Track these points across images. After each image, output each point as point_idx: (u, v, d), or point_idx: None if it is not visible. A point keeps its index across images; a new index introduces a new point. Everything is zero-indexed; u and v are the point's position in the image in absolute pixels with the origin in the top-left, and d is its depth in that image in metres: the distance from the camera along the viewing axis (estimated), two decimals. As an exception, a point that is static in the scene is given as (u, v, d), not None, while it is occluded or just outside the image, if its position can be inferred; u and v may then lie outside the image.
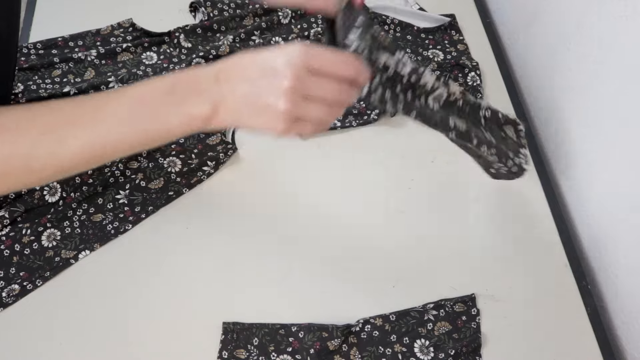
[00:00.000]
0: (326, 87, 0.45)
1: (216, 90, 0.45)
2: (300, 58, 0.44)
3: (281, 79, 0.43)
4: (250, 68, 0.45)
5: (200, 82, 0.46)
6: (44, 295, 0.65)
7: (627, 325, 0.71)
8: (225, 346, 0.63)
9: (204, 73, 0.46)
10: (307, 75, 0.44)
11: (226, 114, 0.46)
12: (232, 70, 0.46)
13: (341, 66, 0.45)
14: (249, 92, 0.45)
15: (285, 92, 0.43)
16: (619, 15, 0.68)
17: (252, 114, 0.45)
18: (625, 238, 0.71)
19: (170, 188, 0.74)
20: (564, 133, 0.83)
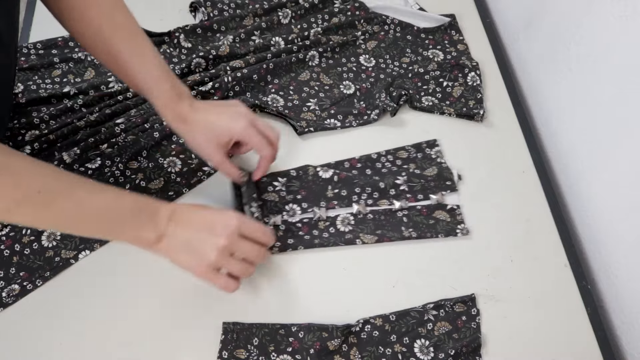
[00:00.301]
0: (248, 249, 0.60)
1: (165, 226, 0.57)
2: (235, 225, 0.58)
3: (218, 237, 0.57)
4: (197, 221, 0.58)
5: (157, 215, 0.57)
6: (44, 295, 0.65)
7: (627, 325, 0.71)
8: (225, 346, 0.63)
9: (163, 210, 0.58)
10: (236, 238, 0.58)
11: (165, 248, 0.58)
12: (183, 217, 0.58)
13: (262, 235, 0.61)
14: (190, 239, 0.57)
15: (219, 248, 0.57)
16: (619, 15, 0.68)
17: (185, 255, 0.58)
18: (625, 238, 0.71)
19: (170, 188, 0.74)
20: (564, 133, 0.83)
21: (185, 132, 0.66)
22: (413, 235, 0.72)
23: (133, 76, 0.64)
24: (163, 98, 0.64)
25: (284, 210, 0.73)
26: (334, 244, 0.71)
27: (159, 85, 0.64)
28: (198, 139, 0.66)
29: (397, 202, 0.74)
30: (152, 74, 0.64)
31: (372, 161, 0.78)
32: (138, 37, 0.64)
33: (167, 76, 0.65)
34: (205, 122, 0.65)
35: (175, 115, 0.65)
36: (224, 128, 0.65)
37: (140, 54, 0.63)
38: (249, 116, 0.66)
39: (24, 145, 0.72)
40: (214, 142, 0.65)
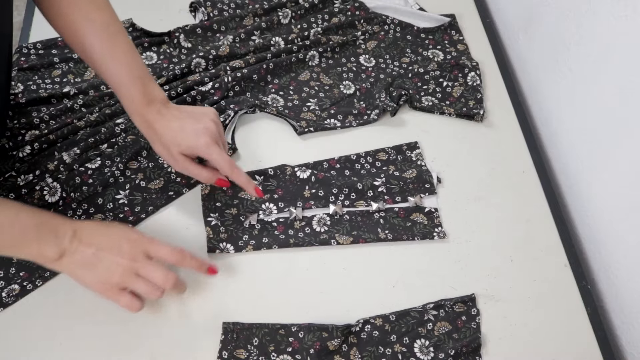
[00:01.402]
0: (153, 272, 0.58)
1: (68, 243, 0.56)
2: (141, 245, 0.58)
3: (122, 256, 0.57)
4: (101, 239, 0.58)
5: (59, 231, 0.56)
6: (44, 295, 0.65)
7: (627, 325, 0.71)
8: (225, 346, 0.63)
9: (66, 226, 0.57)
10: (141, 259, 0.58)
11: (67, 264, 0.57)
12: (87, 234, 0.58)
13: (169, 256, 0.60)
14: (93, 258, 0.57)
15: (123, 267, 0.57)
16: (619, 15, 0.68)
17: (87, 274, 0.57)
18: (625, 238, 0.71)
19: (170, 188, 0.74)
20: (564, 133, 0.83)
21: (150, 139, 0.66)
22: (389, 237, 0.72)
23: (106, 78, 0.65)
24: (132, 103, 0.64)
25: (260, 209, 0.73)
26: (309, 244, 0.71)
27: (129, 89, 0.63)
28: (158, 147, 0.66)
29: (374, 204, 0.74)
30: (123, 78, 0.63)
31: (351, 162, 0.78)
32: (113, 37, 0.63)
33: (138, 80, 0.64)
34: (167, 133, 0.64)
35: (143, 121, 0.65)
36: (185, 145, 0.64)
37: (112, 55, 0.63)
38: (213, 133, 0.65)
39: (24, 146, 0.72)
40: (174, 152, 0.64)
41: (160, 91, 0.66)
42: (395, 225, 0.73)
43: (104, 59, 0.63)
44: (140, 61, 0.65)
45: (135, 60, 0.65)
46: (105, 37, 0.63)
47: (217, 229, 0.71)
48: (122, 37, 0.64)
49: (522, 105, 0.90)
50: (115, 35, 0.64)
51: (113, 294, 0.58)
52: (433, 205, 0.75)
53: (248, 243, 0.70)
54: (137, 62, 0.65)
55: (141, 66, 0.65)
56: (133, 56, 0.65)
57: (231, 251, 0.70)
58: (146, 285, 0.59)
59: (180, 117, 0.66)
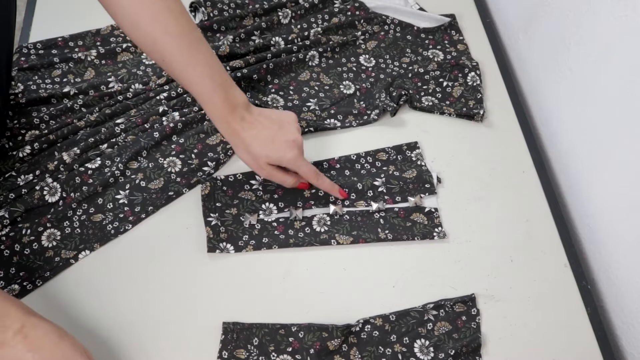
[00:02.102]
0: None
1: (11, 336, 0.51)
2: None
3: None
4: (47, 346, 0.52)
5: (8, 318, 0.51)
6: (44, 295, 0.65)
7: (627, 325, 0.71)
8: (225, 346, 0.63)
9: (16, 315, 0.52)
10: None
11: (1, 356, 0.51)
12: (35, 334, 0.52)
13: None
14: None
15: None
16: (619, 15, 0.68)
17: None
18: (625, 238, 0.71)
19: (170, 188, 0.74)
20: (564, 133, 0.83)
21: (235, 145, 0.67)
22: (389, 237, 0.72)
23: (187, 87, 0.65)
24: (215, 110, 0.65)
25: (260, 209, 0.73)
26: (309, 244, 0.71)
27: (211, 97, 0.64)
28: (244, 155, 0.67)
29: (374, 204, 0.74)
30: (205, 87, 0.64)
31: (351, 162, 0.78)
32: (192, 47, 0.63)
33: (220, 88, 0.65)
34: (256, 143, 0.66)
35: (227, 127, 0.66)
36: (275, 157, 0.66)
37: (193, 65, 0.63)
38: (300, 145, 0.68)
39: (24, 146, 0.72)
40: (262, 162, 0.67)
41: (242, 95, 0.67)
42: (395, 225, 0.73)
43: (185, 68, 0.63)
44: (220, 67, 0.66)
45: (216, 67, 0.65)
46: (185, 47, 0.63)
47: (217, 229, 0.71)
48: (201, 45, 0.64)
49: (522, 105, 0.90)
50: (194, 45, 0.63)
51: None
52: (433, 205, 0.76)
53: (248, 243, 0.70)
54: (217, 69, 0.65)
55: (222, 72, 0.65)
56: (213, 63, 0.65)
57: (231, 251, 0.70)
58: None
59: (268, 127, 0.67)
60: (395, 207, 0.75)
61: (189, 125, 0.78)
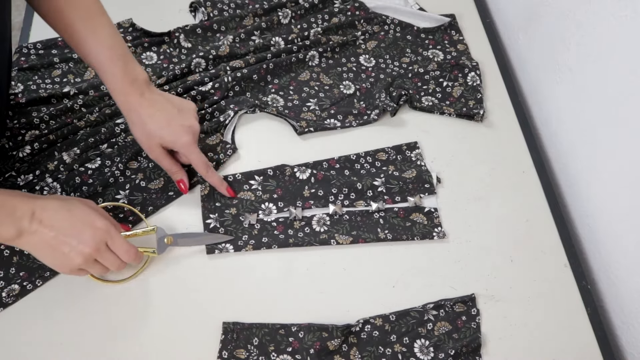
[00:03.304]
0: (111, 260, 0.61)
1: (27, 223, 0.55)
2: (102, 236, 0.59)
3: (85, 246, 0.58)
4: (64, 224, 0.57)
5: (16, 210, 0.55)
6: (44, 295, 0.65)
7: (627, 325, 0.71)
8: (225, 346, 0.63)
9: (23, 204, 0.56)
10: (103, 249, 0.59)
11: (27, 244, 0.57)
12: (47, 215, 0.56)
13: (124, 254, 0.61)
14: (54, 241, 0.57)
15: (84, 256, 0.58)
16: (619, 15, 0.68)
17: (48, 254, 0.58)
18: (625, 238, 0.71)
19: (170, 188, 0.74)
20: (564, 133, 0.83)
21: (130, 121, 0.67)
22: (389, 237, 0.72)
23: (87, 55, 0.65)
24: (114, 82, 0.65)
25: (259, 209, 0.73)
26: (309, 244, 0.71)
27: (110, 67, 0.64)
28: (138, 133, 0.67)
29: (374, 204, 0.74)
30: (105, 57, 0.64)
31: (350, 162, 0.78)
32: (95, 16, 0.64)
33: (120, 58, 0.64)
34: (152, 123, 0.65)
35: (125, 101, 0.65)
36: (169, 139, 0.66)
37: (94, 35, 0.63)
38: (196, 132, 0.68)
39: (24, 146, 0.72)
40: (154, 143, 0.67)
41: (142, 71, 0.67)
42: (394, 225, 0.73)
43: (87, 39, 0.63)
44: (121, 41, 0.66)
45: (117, 40, 0.65)
46: (87, 18, 0.63)
47: (216, 231, 0.71)
48: (104, 18, 0.65)
49: (522, 105, 0.90)
50: (95, 17, 0.64)
51: (72, 273, 0.60)
52: (433, 205, 0.75)
53: (248, 243, 0.70)
54: (118, 41, 0.65)
55: (123, 46, 0.66)
56: (114, 36, 0.65)
57: (231, 251, 0.70)
58: (100, 269, 0.61)
59: (168, 109, 0.67)
60: (394, 207, 0.75)
61: (189, 125, 0.78)
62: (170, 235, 0.67)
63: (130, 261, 0.62)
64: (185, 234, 0.69)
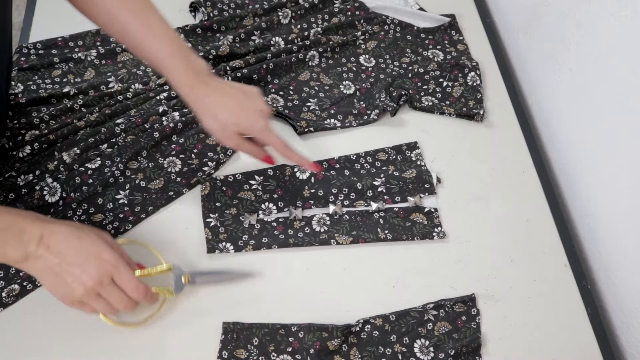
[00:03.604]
0: (116, 297, 0.57)
1: (34, 248, 0.54)
2: (108, 269, 0.56)
3: (88, 277, 0.55)
4: (71, 252, 0.55)
5: (25, 234, 0.54)
6: (44, 295, 0.65)
7: (627, 325, 0.71)
8: (225, 346, 0.63)
9: (33, 227, 0.54)
10: (107, 283, 0.56)
11: (32, 268, 0.55)
12: (55, 241, 0.55)
13: (132, 291, 0.57)
14: (58, 268, 0.54)
15: (86, 288, 0.55)
16: (619, 15, 0.68)
17: (51, 281, 0.55)
18: (625, 238, 0.71)
19: (170, 188, 0.74)
20: (564, 133, 0.83)
21: (199, 112, 0.64)
22: (389, 237, 0.72)
23: (146, 53, 0.63)
24: (177, 75, 0.63)
25: (259, 209, 0.73)
26: (309, 244, 0.71)
27: (172, 62, 0.62)
28: (210, 123, 0.64)
29: (374, 204, 0.74)
30: (165, 52, 0.62)
31: (350, 162, 0.78)
32: (148, 13, 0.63)
33: (180, 51, 0.63)
34: (224, 111, 0.63)
35: (190, 92, 0.63)
36: (245, 125, 0.64)
37: (151, 31, 0.62)
38: (268, 115, 0.66)
39: (24, 145, 0.72)
40: (230, 131, 0.64)
41: (202, 61, 0.65)
42: (394, 225, 0.73)
43: (144, 38, 0.62)
44: (176, 34, 0.65)
45: (173, 34, 0.64)
46: (140, 16, 0.62)
47: (216, 230, 0.71)
48: (156, 14, 0.63)
49: (522, 105, 0.90)
50: (149, 13, 0.63)
51: (74, 305, 0.57)
52: (433, 205, 0.75)
53: (248, 243, 0.70)
54: (174, 35, 0.64)
55: (179, 38, 0.64)
56: (169, 30, 0.64)
57: (231, 251, 0.70)
58: (105, 306, 0.58)
59: (234, 95, 0.64)
60: (394, 207, 0.75)
61: (189, 125, 0.78)
62: (188, 274, 0.64)
63: (140, 299, 0.58)
64: (203, 272, 0.65)
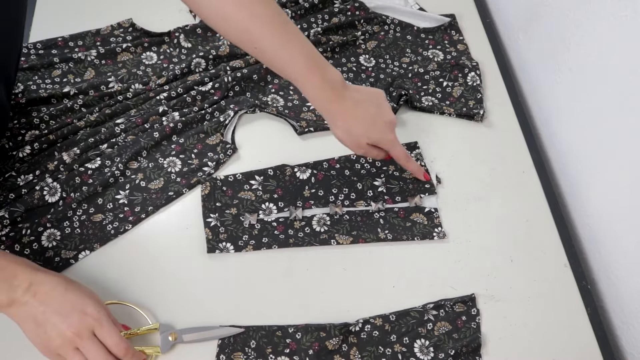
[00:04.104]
0: (94, 352, 0.56)
1: (21, 293, 0.55)
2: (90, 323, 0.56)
3: (67, 327, 0.55)
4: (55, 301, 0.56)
5: (15, 279, 0.55)
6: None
7: (627, 325, 0.71)
8: (222, 350, 0.63)
9: (24, 275, 0.55)
10: (87, 337, 0.55)
11: (15, 314, 0.56)
12: (43, 290, 0.56)
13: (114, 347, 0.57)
14: (41, 317, 0.55)
15: (64, 338, 0.55)
16: (619, 15, 0.68)
17: (31, 329, 0.55)
18: (625, 238, 0.71)
19: (170, 188, 0.74)
20: (564, 133, 0.83)
21: (333, 124, 0.67)
22: (389, 237, 0.72)
23: (282, 70, 0.64)
24: (314, 91, 0.64)
25: (260, 209, 0.73)
26: (309, 244, 0.71)
27: (309, 77, 0.63)
28: (341, 134, 0.67)
29: (374, 204, 0.74)
30: (301, 67, 0.62)
31: (351, 162, 0.78)
32: (283, 28, 0.62)
33: (316, 67, 0.63)
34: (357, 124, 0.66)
35: (326, 107, 0.65)
36: (375, 138, 0.67)
37: (286, 46, 0.62)
38: (395, 125, 0.69)
39: (24, 146, 0.72)
40: (362, 142, 0.67)
41: (336, 72, 0.65)
42: (395, 226, 0.73)
43: (279, 51, 0.62)
44: (311, 46, 0.64)
45: (309, 47, 0.63)
46: (276, 30, 0.61)
47: (217, 230, 0.71)
48: (291, 26, 0.63)
49: (522, 105, 0.90)
50: (284, 26, 0.62)
51: (50, 356, 0.57)
52: (433, 205, 0.75)
53: (248, 243, 0.70)
54: (310, 48, 0.63)
55: (315, 51, 0.64)
56: (305, 43, 0.63)
57: (231, 251, 0.70)
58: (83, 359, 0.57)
59: (367, 108, 0.67)
60: (395, 207, 0.75)
61: (189, 125, 0.78)
62: (174, 332, 0.63)
63: (121, 356, 0.57)
64: (191, 329, 0.63)
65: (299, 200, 0.74)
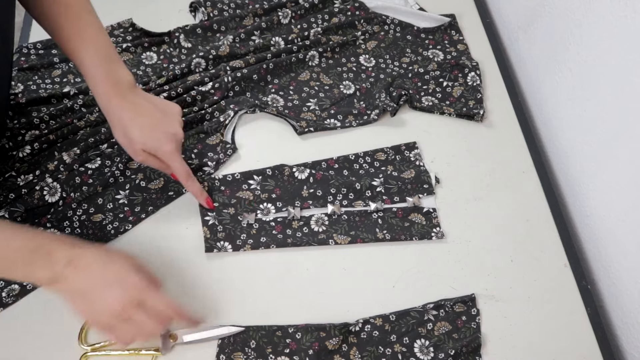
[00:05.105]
0: (143, 323, 0.56)
1: (61, 269, 0.53)
2: (135, 293, 0.55)
3: (114, 300, 0.54)
4: (99, 275, 0.55)
5: (53, 256, 0.54)
6: (43, 296, 0.65)
7: (627, 325, 0.71)
8: (222, 350, 0.63)
9: (61, 251, 0.54)
10: (135, 307, 0.55)
11: (59, 290, 0.55)
12: (83, 264, 0.54)
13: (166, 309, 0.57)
14: (84, 290, 0.54)
15: (112, 311, 0.54)
16: (619, 15, 0.68)
17: (79, 302, 0.55)
18: (625, 238, 0.71)
19: (170, 188, 0.74)
20: (564, 133, 0.83)
21: (113, 125, 0.65)
22: (387, 237, 0.72)
23: (73, 58, 0.63)
24: (96, 84, 0.63)
25: (258, 208, 0.73)
26: (307, 244, 0.71)
27: (92, 69, 0.62)
28: (120, 137, 0.64)
29: (372, 204, 0.74)
30: (88, 57, 0.62)
31: (349, 162, 0.78)
32: (82, 17, 0.62)
33: (103, 60, 0.63)
34: (136, 128, 0.63)
35: (108, 104, 0.63)
36: (152, 146, 0.64)
37: (78, 34, 0.62)
38: (179, 140, 0.66)
39: (24, 145, 0.72)
40: (137, 148, 0.64)
41: (127, 73, 0.64)
42: (393, 226, 0.73)
43: (71, 38, 0.62)
44: (107, 42, 0.64)
45: (102, 40, 0.63)
46: (73, 16, 0.62)
47: (215, 229, 0.71)
48: (90, 16, 0.63)
49: (522, 105, 0.90)
50: (81, 15, 0.63)
51: (103, 329, 0.57)
52: (431, 205, 0.75)
53: (246, 242, 0.70)
54: (103, 41, 0.63)
55: (108, 47, 0.64)
56: (99, 36, 0.63)
57: (229, 250, 0.70)
58: (130, 331, 0.56)
59: (150, 114, 0.64)
60: (393, 207, 0.75)
61: (189, 125, 0.78)
62: (174, 332, 0.62)
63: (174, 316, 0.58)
64: (191, 329, 0.63)
65: (297, 200, 0.74)
